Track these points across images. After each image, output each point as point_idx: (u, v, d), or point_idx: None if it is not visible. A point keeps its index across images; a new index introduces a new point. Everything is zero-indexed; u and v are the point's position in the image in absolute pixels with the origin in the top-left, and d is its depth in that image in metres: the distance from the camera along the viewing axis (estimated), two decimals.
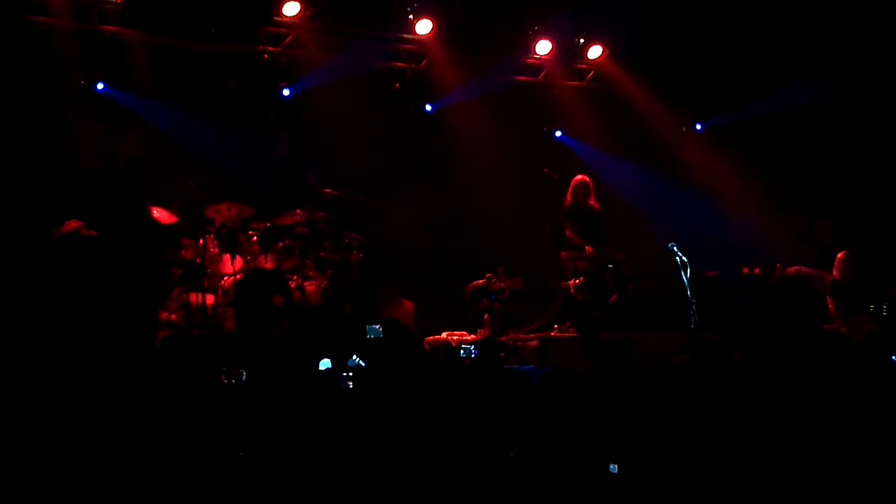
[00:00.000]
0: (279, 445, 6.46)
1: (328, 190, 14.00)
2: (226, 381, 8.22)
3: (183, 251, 12.74)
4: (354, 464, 6.23)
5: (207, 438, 6.57)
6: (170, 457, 6.29)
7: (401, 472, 6.11)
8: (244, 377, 8.47)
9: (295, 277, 12.98)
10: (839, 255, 13.31)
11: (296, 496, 6.07)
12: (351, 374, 7.01)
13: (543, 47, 15.41)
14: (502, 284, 14.18)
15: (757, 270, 14.45)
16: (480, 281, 14.32)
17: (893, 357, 9.95)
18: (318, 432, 6.58)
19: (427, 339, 12.54)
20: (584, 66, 16.09)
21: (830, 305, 13.27)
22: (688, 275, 12.42)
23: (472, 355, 9.57)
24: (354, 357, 7.83)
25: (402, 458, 6.21)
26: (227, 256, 12.93)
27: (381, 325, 7.78)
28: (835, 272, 13.30)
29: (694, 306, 12.64)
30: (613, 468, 6.46)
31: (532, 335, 13.71)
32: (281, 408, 7.12)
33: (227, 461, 6.30)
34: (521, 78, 15.91)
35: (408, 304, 14.00)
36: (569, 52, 15.81)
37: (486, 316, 13.86)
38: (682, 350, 11.81)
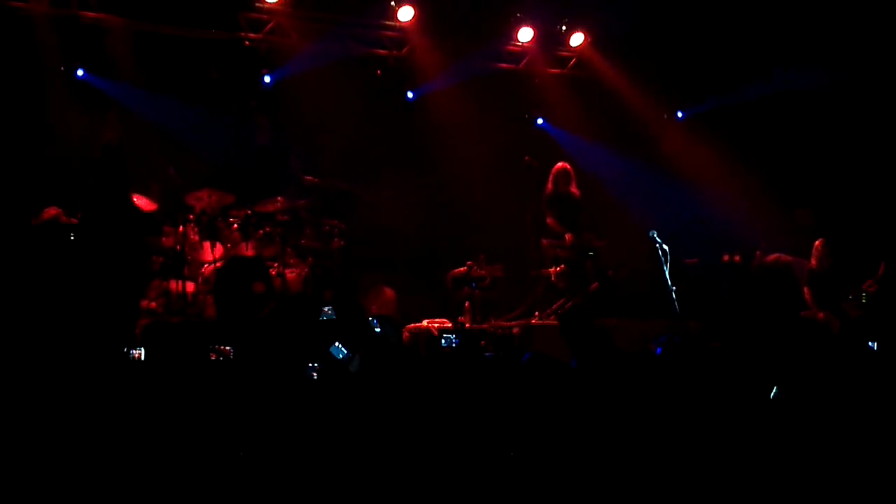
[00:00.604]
0: (266, 431, 6.46)
1: (309, 177, 13.98)
2: (215, 358, 8.22)
3: (163, 238, 12.72)
4: (329, 446, 6.25)
5: (199, 424, 6.56)
6: (156, 443, 6.28)
7: (374, 458, 6.12)
8: (232, 355, 8.49)
9: (276, 265, 12.96)
10: (816, 244, 13.35)
11: (276, 487, 6.08)
12: (317, 364, 7.01)
13: (525, 34, 15.40)
14: (483, 272, 14.20)
15: (737, 258, 14.51)
16: (461, 268, 14.32)
17: (872, 344, 10.00)
18: (295, 419, 6.59)
19: (408, 326, 12.55)
20: (566, 53, 16.09)
21: (807, 294, 13.33)
22: (668, 262, 12.44)
23: (454, 344, 9.60)
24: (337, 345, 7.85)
25: (375, 443, 6.22)
26: (207, 244, 12.90)
27: (333, 307, 7.81)
28: (812, 260, 13.35)
29: (674, 293, 12.68)
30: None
31: (513, 322, 13.74)
32: (266, 392, 7.15)
33: (220, 452, 6.30)
34: (503, 65, 15.91)
35: (389, 292, 14.01)
36: (551, 40, 15.80)
37: (466, 303, 13.88)
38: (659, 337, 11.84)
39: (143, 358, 8.04)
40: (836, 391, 7.17)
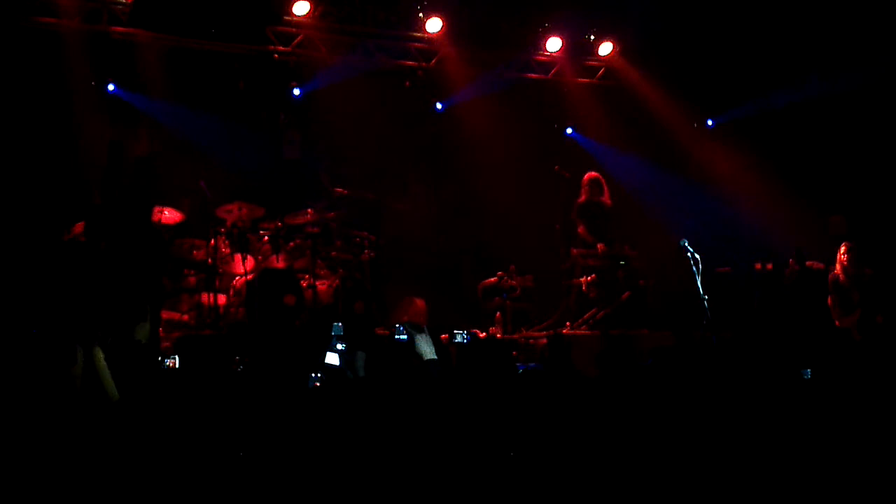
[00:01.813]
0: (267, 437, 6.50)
1: (339, 189, 14.00)
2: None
3: (195, 252, 12.77)
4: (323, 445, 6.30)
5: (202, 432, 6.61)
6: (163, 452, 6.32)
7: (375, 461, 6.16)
8: (240, 368, 8.55)
9: (306, 277, 12.98)
10: (840, 249, 13.08)
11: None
12: (320, 374, 7.12)
13: (554, 44, 15.39)
14: (514, 282, 14.17)
15: (769, 266, 14.37)
16: (492, 279, 14.32)
17: None
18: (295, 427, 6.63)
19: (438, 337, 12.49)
20: (594, 62, 16.06)
21: (829, 301, 13.07)
22: (700, 271, 12.34)
23: (465, 341, 9.87)
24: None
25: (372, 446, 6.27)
26: (238, 256, 12.93)
27: (342, 322, 7.99)
28: (837, 267, 13.08)
29: (706, 303, 12.58)
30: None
31: (544, 333, 13.69)
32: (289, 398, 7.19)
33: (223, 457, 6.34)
34: (532, 75, 15.89)
35: (419, 303, 13.98)
36: (579, 49, 15.78)
37: (497, 314, 13.86)
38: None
39: (177, 366, 8.11)
40: (857, 395, 7.15)
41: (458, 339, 9.83)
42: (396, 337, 10.45)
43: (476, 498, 5.92)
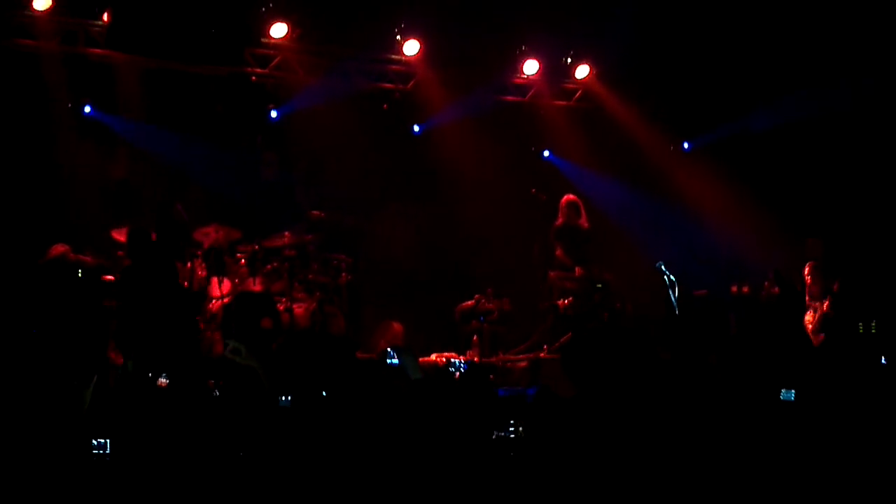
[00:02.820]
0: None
1: (316, 212, 13.99)
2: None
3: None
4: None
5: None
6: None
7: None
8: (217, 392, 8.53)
9: (283, 300, 12.95)
10: (804, 270, 12.99)
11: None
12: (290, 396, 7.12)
13: (531, 67, 15.41)
14: (491, 305, 14.19)
15: (745, 289, 14.42)
16: (469, 302, 14.32)
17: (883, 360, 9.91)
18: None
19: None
20: (571, 85, 16.09)
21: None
22: (676, 294, 12.38)
23: (462, 370, 9.79)
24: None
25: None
26: (214, 279, 12.89)
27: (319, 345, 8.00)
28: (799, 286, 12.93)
29: (682, 325, 12.59)
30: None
31: (521, 356, 13.70)
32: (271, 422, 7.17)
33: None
34: (509, 98, 15.91)
35: (396, 326, 13.98)
36: (556, 72, 15.80)
37: (474, 337, 13.85)
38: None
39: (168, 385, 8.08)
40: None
41: (452, 369, 9.70)
42: (388, 361, 10.37)
43: None
